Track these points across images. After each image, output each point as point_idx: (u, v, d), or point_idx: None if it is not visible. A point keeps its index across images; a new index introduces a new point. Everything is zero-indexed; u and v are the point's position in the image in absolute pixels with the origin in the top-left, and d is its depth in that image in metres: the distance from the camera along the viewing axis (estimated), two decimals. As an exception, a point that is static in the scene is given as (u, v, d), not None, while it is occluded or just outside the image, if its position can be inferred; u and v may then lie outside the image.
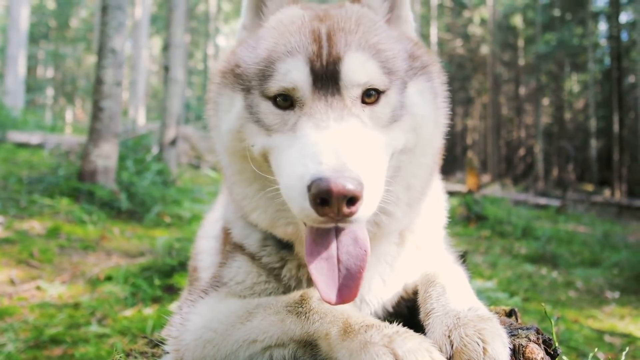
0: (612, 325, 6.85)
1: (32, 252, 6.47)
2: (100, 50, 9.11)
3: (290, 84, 1.51)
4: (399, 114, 1.57)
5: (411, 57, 1.66)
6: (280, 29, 1.63)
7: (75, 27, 48.46)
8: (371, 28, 1.63)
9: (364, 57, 1.53)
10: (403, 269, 1.86)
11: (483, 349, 1.31)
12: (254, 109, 1.59)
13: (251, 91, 1.60)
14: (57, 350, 4.27)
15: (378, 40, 1.59)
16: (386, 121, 1.55)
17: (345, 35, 1.55)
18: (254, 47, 1.65)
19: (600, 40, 42.96)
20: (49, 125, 23.91)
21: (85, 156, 9.09)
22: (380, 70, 1.54)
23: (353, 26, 1.59)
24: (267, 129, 1.56)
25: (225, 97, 1.71)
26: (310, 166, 1.29)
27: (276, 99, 1.54)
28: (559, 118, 45.02)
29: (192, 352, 1.70)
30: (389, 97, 1.56)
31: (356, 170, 1.27)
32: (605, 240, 14.13)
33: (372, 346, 1.31)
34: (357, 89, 1.51)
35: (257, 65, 1.59)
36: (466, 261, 2.20)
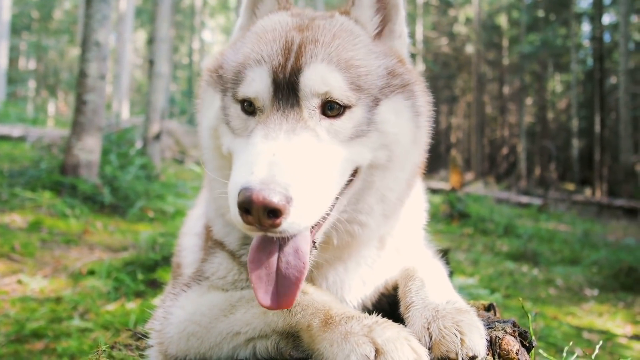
0: (591, 322, 6.97)
1: (13, 245, 6.41)
2: (84, 42, 9.03)
3: (253, 93, 1.55)
4: (364, 129, 1.57)
5: (391, 74, 1.65)
6: (260, 36, 1.66)
7: (58, 19, 47.86)
8: (348, 42, 1.62)
9: (327, 69, 1.53)
10: (383, 270, 1.90)
11: (461, 340, 1.35)
12: (226, 110, 1.65)
13: (226, 93, 1.66)
14: (38, 345, 4.25)
15: (352, 56, 1.59)
16: (347, 136, 1.55)
17: (315, 47, 1.56)
18: (236, 51, 1.70)
19: (583, 41, 43.45)
20: (31, 118, 23.64)
21: (68, 150, 9.01)
22: (346, 85, 1.54)
23: (328, 39, 1.59)
24: (232, 132, 1.62)
25: (208, 95, 1.77)
26: (243, 175, 1.34)
27: (244, 103, 1.59)
28: (542, 118, 45.46)
29: (175, 345, 1.71)
30: (354, 112, 1.56)
31: (286, 183, 1.30)
32: (585, 238, 14.34)
33: (352, 336, 1.34)
34: (315, 99, 1.52)
35: (233, 69, 1.64)
36: (448, 258, 2.24)
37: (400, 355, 1.28)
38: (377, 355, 1.29)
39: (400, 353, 1.29)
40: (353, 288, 1.84)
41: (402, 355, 1.29)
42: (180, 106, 32.84)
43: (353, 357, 1.30)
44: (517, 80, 44.56)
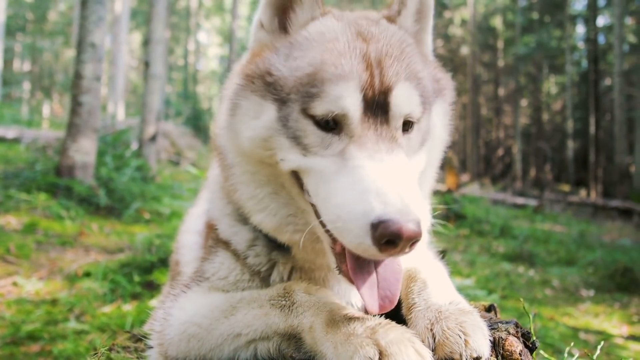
0: (587, 323, 6.98)
1: (8, 247, 6.38)
2: (80, 44, 9.01)
3: (342, 110, 1.45)
4: (426, 138, 1.63)
5: (435, 80, 1.70)
6: (325, 45, 1.54)
7: (53, 20, 47.71)
8: (413, 54, 1.60)
9: (409, 88, 1.51)
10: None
11: (465, 341, 1.34)
12: (290, 123, 1.51)
13: (288, 104, 1.52)
14: (34, 347, 4.22)
15: (418, 69, 1.58)
16: (417, 147, 1.60)
17: (393, 62, 1.52)
18: (294, 58, 1.56)
19: (578, 43, 43.60)
20: (26, 119, 23.55)
21: (64, 151, 8.98)
22: (419, 99, 1.54)
23: (398, 52, 1.55)
24: (303, 148, 1.50)
25: (251, 103, 1.61)
26: (376, 205, 1.29)
27: (320, 119, 1.48)
28: (537, 119, 45.60)
29: (176, 347, 1.70)
30: (421, 123, 1.59)
31: (417, 212, 1.29)
32: (581, 239, 14.38)
33: (355, 338, 1.33)
34: (401, 119, 1.51)
35: (300, 80, 1.50)
36: (445, 259, 2.23)
37: (404, 358, 1.27)
38: (380, 357, 1.28)
39: (404, 355, 1.28)
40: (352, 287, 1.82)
41: (406, 358, 1.27)
42: (175, 108, 32.76)
43: (356, 358, 1.29)
44: (512, 82, 44.70)
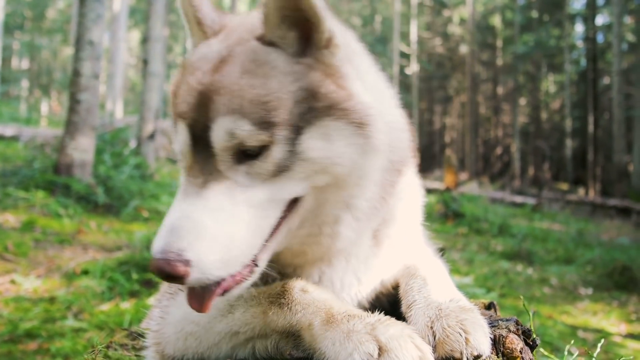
0: (585, 321, 6.99)
1: (6, 245, 6.37)
2: (78, 42, 8.98)
3: (178, 148, 1.58)
4: (286, 164, 1.48)
5: (313, 97, 1.50)
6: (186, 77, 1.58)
7: (51, 18, 47.66)
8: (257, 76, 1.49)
9: (230, 120, 1.45)
10: (380, 267, 1.85)
11: (465, 339, 1.33)
12: None
13: None
14: (32, 345, 4.22)
15: (260, 93, 1.46)
16: (268, 174, 1.48)
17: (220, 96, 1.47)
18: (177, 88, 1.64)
19: (576, 42, 43.64)
20: (24, 117, 23.53)
21: (62, 149, 8.96)
22: (255, 128, 1.44)
23: (235, 78, 1.49)
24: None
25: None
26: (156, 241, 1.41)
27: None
28: (536, 118, 45.66)
29: (173, 345, 1.69)
30: (271, 150, 1.46)
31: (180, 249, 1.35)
32: (579, 238, 14.40)
33: (354, 334, 1.32)
34: (229, 151, 1.48)
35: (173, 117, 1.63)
36: (444, 257, 2.23)
37: (404, 353, 1.26)
38: (380, 353, 1.27)
39: (404, 351, 1.27)
40: (346, 285, 1.79)
41: (406, 353, 1.26)
42: (174, 106, 32.69)
43: (356, 355, 1.28)
44: (511, 81, 44.73)
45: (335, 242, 1.66)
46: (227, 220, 1.43)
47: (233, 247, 1.43)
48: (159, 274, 1.35)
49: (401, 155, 1.77)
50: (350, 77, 1.60)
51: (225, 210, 1.44)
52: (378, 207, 1.69)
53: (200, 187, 1.45)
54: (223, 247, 1.41)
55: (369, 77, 1.73)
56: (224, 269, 1.42)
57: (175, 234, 1.38)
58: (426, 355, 1.28)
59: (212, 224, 1.41)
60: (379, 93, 1.75)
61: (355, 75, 1.63)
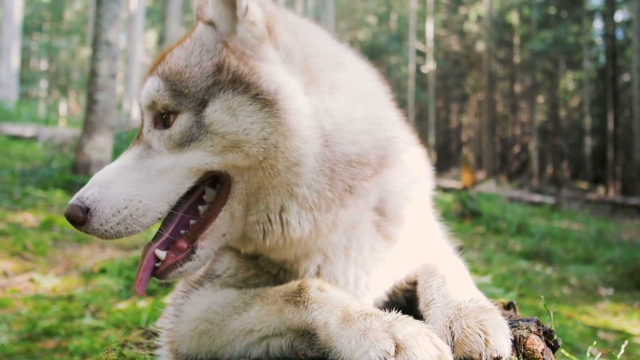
0: (606, 322, 6.88)
1: (25, 244, 6.44)
2: (95, 42, 9.06)
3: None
4: (194, 134, 1.57)
5: (219, 70, 1.57)
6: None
7: (69, 20, 48.21)
8: (184, 50, 1.67)
9: (152, 81, 1.64)
10: (394, 260, 1.82)
11: (485, 340, 1.29)
12: None
13: None
14: (50, 343, 4.25)
15: (178, 63, 1.64)
16: (177, 142, 1.60)
17: (160, 63, 1.68)
18: None
19: (595, 39, 43.09)
20: (43, 117, 23.78)
21: (80, 149, 9.05)
22: (167, 92, 1.61)
23: (174, 52, 1.69)
24: None
25: None
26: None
27: None
28: (554, 116, 45.17)
29: (187, 343, 1.69)
30: (180, 118, 1.60)
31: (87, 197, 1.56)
32: (599, 237, 14.18)
33: (371, 332, 1.30)
34: (149, 113, 1.68)
35: None
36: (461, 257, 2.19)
37: (422, 351, 1.24)
38: (397, 351, 1.25)
39: (422, 349, 1.24)
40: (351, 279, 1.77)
41: (423, 351, 1.24)
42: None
43: (372, 352, 1.25)
44: (528, 78, 44.30)
45: (289, 231, 1.63)
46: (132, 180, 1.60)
47: (132, 205, 1.57)
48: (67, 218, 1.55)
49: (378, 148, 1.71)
50: (264, 54, 1.63)
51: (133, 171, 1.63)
52: (337, 199, 1.63)
53: (127, 150, 1.70)
54: (122, 202, 1.57)
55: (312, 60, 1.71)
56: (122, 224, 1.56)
57: (87, 186, 1.59)
58: (445, 354, 1.25)
59: (117, 180, 1.59)
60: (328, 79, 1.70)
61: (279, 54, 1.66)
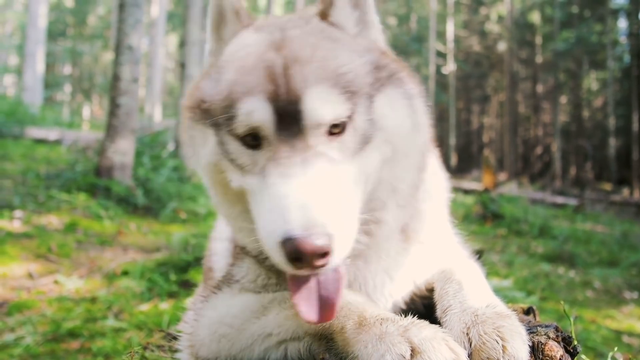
0: (631, 326, 6.77)
1: (50, 246, 6.54)
2: (118, 47, 9.18)
3: (254, 124, 1.44)
4: (369, 134, 1.50)
5: (377, 68, 1.57)
6: (237, 62, 1.54)
7: (92, 25, 48.90)
8: (330, 49, 1.53)
9: (324, 91, 1.43)
10: (412, 263, 1.83)
11: (502, 346, 1.29)
12: (225, 146, 1.53)
13: (220, 128, 1.53)
14: (74, 344, 4.32)
15: (338, 63, 1.49)
16: (356, 147, 1.49)
17: (301, 67, 1.45)
18: (216, 82, 1.56)
19: (619, 38, 42.38)
20: (67, 121, 24.15)
21: (102, 152, 9.17)
22: (342, 98, 1.44)
23: (309, 52, 1.49)
24: (240, 168, 1.51)
25: (198, 132, 1.64)
26: (279, 224, 1.30)
27: (245, 138, 1.48)
28: (577, 116, 44.54)
29: (207, 347, 1.70)
30: (355, 121, 1.48)
31: (324, 223, 1.29)
32: (624, 240, 13.95)
33: (387, 336, 1.31)
34: (323, 127, 1.44)
35: (221, 103, 1.51)
36: (482, 259, 2.17)
37: (437, 355, 1.25)
38: (413, 354, 1.26)
39: (437, 353, 1.25)
40: (378, 284, 1.78)
41: (439, 355, 1.25)
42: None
43: (388, 356, 1.27)
44: (551, 79, 43.75)
45: (380, 230, 1.67)
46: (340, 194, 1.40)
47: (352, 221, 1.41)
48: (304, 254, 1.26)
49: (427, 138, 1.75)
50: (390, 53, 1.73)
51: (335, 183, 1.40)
52: (413, 195, 1.72)
53: (301, 165, 1.39)
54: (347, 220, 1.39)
55: None
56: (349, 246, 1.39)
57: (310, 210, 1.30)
58: (460, 357, 1.26)
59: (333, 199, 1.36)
60: None
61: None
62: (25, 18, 32.00)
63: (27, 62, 24.02)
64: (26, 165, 11.23)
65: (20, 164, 11.40)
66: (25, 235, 6.87)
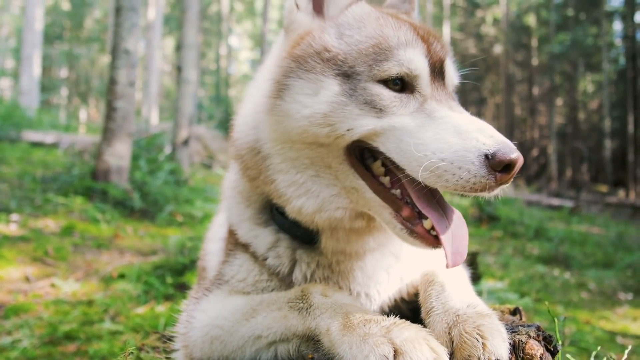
0: (625, 327, 6.81)
1: (46, 250, 6.55)
2: (114, 50, 9.20)
3: (414, 71, 1.63)
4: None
5: None
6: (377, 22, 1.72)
7: (89, 28, 48.84)
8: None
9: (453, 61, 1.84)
10: (407, 260, 1.89)
11: (482, 344, 1.34)
12: (359, 92, 1.59)
13: (354, 76, 1.61)
14: (71, 347, 4.33)
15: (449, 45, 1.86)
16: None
17: (437, 38, 1.77)
18: (348, 36, 1.68)
19: (615, 40, 42.55)
20: (63, 124, 24.13)
21: (99, 155, 9.18)
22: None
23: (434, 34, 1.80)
24: (379, 111, 1.58)
25: (307, 82, 1.65)
26: (485, 140, 1.48)
27: (389, 82, 1.61)
28: (573, 118, 44.65)
29: (199, 348, 1.75)
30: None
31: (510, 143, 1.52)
32: (619, 241, 14.01)
33: (370, 337, 1.35)
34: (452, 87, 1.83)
35: (365, 51, 1.62)
36: (477, 261, 2.22)
37: (419, 355, 1.29)
38: (395, 355, 1.30)
39: (418, 353, 1.29)
40: (376, 280, 1.85)
41: (420, 355, 1.29)
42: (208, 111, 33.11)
43: (372, 357, 1.31)
44: (546, 81, 43.87)
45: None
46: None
47: None
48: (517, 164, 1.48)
49: None
50: None
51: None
52: None
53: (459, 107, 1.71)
54: None
55: None
56: None
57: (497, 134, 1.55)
58: (441, 357, 1.30)
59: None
60: None
61: None
62: (21, 21, 31.99)
63: (24, 66, 23.99)
64: (23, 169, 11.23)
65: (16, 168, 11.39)
66: (22, 238, 6.87)
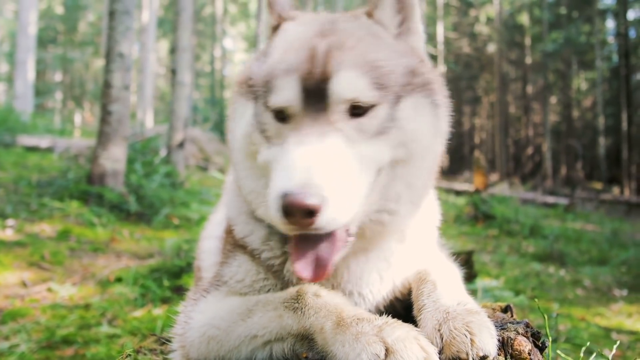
0: (620, 323, 6.86)
1: (43, 254, 6.56)
2: (108, 54, 9.20)
3: (284, 102, 1.60)
4: (386, 126, 1.62)
5: (412, 73, 1.70)
6: (285, 46, 1.72)
7: (83, 31, 48.75)
8: (373, 44, 1.68)
9: (354, 75, 1.58)
10: (400, 265, 1.92)
11: (471, 340, 1.38)
12: (259, 117, 1.69)
13: (258, 100, 1.71)
14: (68, 351, 4.34)
15: (377, 57, 1.64)
16: (372, 133, 1.60)
17: (342, 53, 1.61)
18: (262, 62, 1.75)
19: (608, 38, 42.75)
20: (58, 128, 24.05)
21: (94, 159, 9.18)
22: (371, 86, 1.59)
23: (353, 43, 1.65)
24: (267, 140, 1.66)
25: (240, 105, 1.83)
26: (283, 181, 1.43)
27: (276, 112, 1.63)
28: (567, 116, 44.82)
29: (197, 348, 1.78)
30: (378, 110, 1.60)
31: (321, 185, 1.40)
32: (614, 238, 14.08)
33: (363, 336, 1.39)
34: (344, 104, 1.58)
35: (263, 78, 1.68)
36: (473, 260, 2.26)
37: (409, 354, 1.33)
38: (387, 354, 1.34)
39: (409, 352, 1.33)
40: (370, 281, 1.86)
41: (411, 354, 1.33)
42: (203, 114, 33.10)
43: (364, 355, 1.34)
44: (540, 79, 44.03)
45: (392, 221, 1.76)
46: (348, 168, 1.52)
47: (351, 196, 1.50)
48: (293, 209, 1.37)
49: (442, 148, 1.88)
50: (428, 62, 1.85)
51: (346, 158, 1.53)
52: (423, 196, 1.82)
53: (318, 136, 1.53)
54: (346, 193, 1.48)
55: None
56: (347, 215, 1.48)
57: (312, 172, 1.42)
58: (431, 356, 1.34)
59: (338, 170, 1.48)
60: None
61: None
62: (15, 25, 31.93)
63: (18, 70, 23.93)
64: (18, 174, 11.22)
65: (11, 172, 11.38)
66: (18, 243, 6.87)
